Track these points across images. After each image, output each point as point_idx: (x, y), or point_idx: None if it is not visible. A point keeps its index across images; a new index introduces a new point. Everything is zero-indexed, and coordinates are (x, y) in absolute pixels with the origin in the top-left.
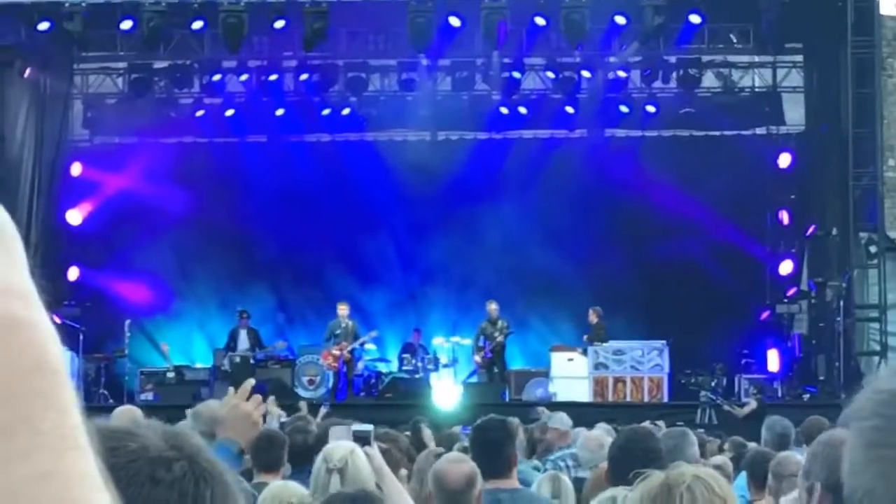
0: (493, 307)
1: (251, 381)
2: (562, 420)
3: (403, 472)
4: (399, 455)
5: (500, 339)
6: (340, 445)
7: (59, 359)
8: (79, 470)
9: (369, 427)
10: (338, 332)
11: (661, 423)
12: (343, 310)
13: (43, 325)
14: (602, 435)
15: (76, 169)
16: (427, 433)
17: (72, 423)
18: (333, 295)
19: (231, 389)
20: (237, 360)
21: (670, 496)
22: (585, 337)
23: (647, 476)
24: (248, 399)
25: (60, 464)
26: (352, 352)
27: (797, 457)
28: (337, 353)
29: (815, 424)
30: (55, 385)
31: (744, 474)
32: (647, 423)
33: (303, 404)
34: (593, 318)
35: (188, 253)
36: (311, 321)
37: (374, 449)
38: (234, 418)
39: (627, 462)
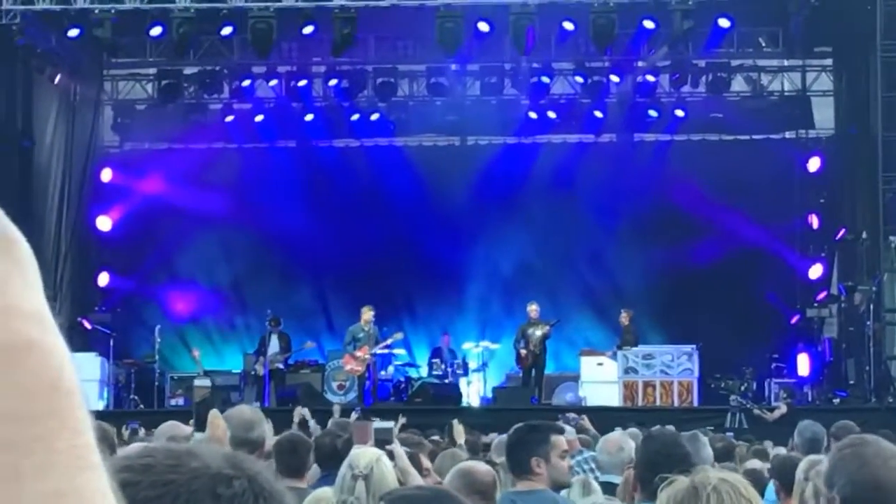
0: (533, 308)
1: (215, 412)
2: None
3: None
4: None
5: (539, 333)
6: (367, 451)
7: (74, 380)
8: (92, 488)
9: (389, 424)
10: (360, 335)
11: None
12: (367, 314)
13: (58, 348)
14: (621, 438)
15: (106, 175)
16: (458, 429)
17: (85, 442)
18: (362, 299)
19: (210, 418)
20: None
21: (697, 497)
22: (616, 346)
23: (672, 481)
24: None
25: (74, 482)
26: (374, 356)
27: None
28: (360, 356)
29: (844, 429)
30: (70, 406)
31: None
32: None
33: (336, 408)
34: (625, 320)
35: (218, 258)
36: (341, 325)
37: (397, 446)
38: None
39: (660, 468)
